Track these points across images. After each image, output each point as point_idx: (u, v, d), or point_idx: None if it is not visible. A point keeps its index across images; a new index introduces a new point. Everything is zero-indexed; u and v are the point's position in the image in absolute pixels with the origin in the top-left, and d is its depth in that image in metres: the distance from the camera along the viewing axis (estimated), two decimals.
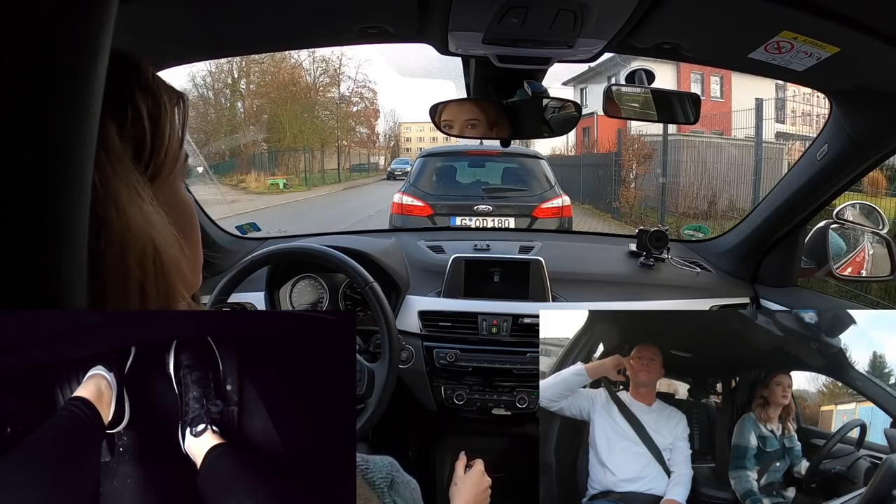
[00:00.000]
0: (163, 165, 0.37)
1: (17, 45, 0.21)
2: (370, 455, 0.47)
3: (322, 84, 25.75)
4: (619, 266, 1.51)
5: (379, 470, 0.46)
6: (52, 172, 0.23)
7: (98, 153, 0.32)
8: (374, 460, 0.47)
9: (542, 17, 0.79)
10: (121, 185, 0.33)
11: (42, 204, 0.23)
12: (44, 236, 0.23)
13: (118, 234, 0.32)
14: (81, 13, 0.23)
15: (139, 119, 0.35)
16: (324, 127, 24.78)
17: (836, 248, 1.29)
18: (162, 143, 0.37)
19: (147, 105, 0.36)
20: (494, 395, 1.31)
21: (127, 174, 0.34)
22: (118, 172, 0.33)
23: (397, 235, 1.67)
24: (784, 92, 10.04)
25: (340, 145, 25.60)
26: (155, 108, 0.37)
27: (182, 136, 0.39)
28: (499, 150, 4.83)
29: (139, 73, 0.37)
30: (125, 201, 0.33)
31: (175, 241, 0.36)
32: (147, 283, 0.34)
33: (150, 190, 0.35)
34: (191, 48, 0.97)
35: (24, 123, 0.22)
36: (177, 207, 0.39)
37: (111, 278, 0.32)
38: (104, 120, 0.33)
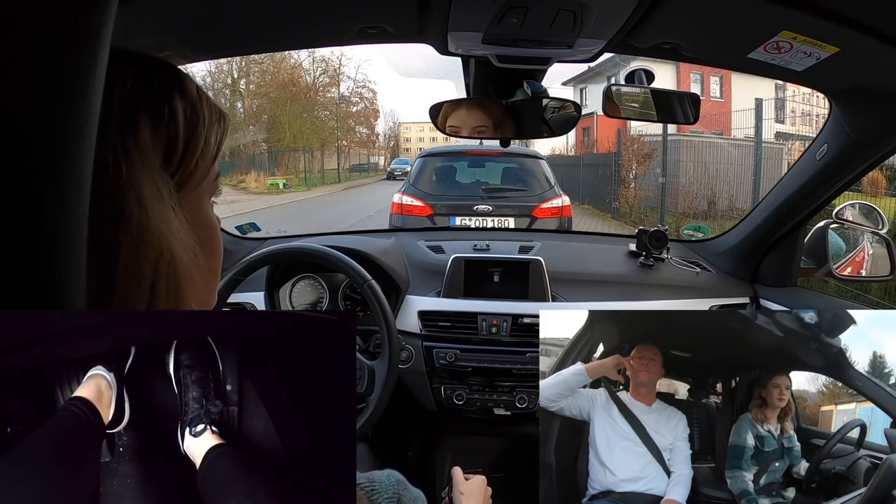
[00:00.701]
0: (191, 175, 0.37)
1: (16, 45, 0.21)
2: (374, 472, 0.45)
3: (322, 84, 25.76)
4: (618, 266, 1.51)
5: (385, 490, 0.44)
6: (51, 172, 0.23)
7: (127, 144, 0.32)
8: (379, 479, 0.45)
9: (542, 18, 0.79)
10: (146, 180, 0.33)
11: (41, 204, 0.23)
12: (43, 236, 0.23)
13: (137, 229, 0.32)
14: (81, 13, 0.23)
15: (174, 122, 0.35)
16: (323, 127, 24.78)
17: (836, 248, 1.29)
18: (194, 152, 0.37)
19: (185, 112, 0.36)
20: (494, 395, 1.31)
21: (153, 172, 0.34)
22: (145, 168, 0.33)
23: (397, 235, 1.67)
24: (784, 92, 10.05)
25: (340, 145, 25.60)
26: (193, 116, 0.37)
27: (216, 153, 0.39)
28: (498, 150, 4.84)
29: (182, 81, 0.37)
30: (148, 198, 0.33)
31: (192, 252, 0.36)
32: (158, 286, 0.34)
33: (175, 196, 0.35)
34: (191, 48, 0.97)
35: (23, 123, 0.22)
36: (199, 223, 0.38)
37: (122, 273, 0.32)
38: (139, 116, 0.34)
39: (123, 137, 0.32)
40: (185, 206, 0.36)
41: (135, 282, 0.33)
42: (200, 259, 0.37)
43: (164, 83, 0.36)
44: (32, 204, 0.22)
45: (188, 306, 0.36)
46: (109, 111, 0.31)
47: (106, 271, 0.31)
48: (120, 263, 0.32)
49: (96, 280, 0.31)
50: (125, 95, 0.33)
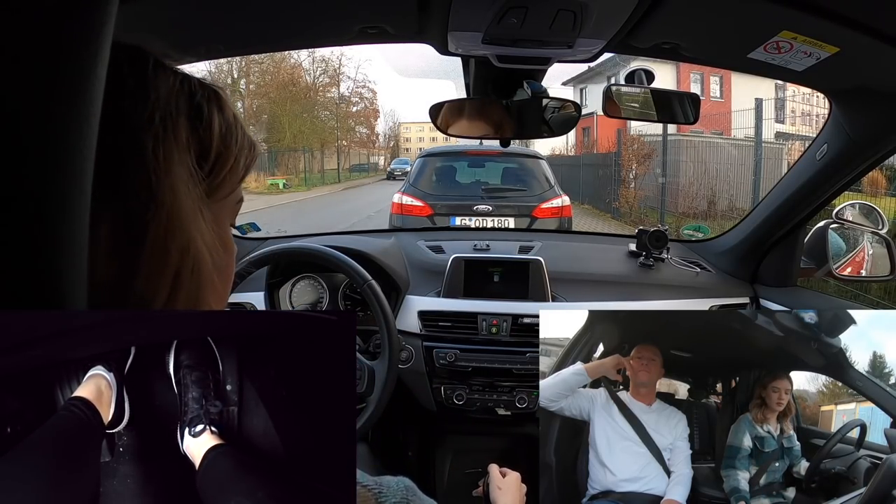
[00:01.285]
0: (218, 187, 0.38)
1: (17, 45, 0.21)
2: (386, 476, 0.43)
3: (322, 84, 25.78)
4: (618, 266, 1.51)
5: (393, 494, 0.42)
6: (51, 173, 0.23)
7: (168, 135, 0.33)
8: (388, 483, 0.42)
9: (542, 18, 0.79)
10: (182, 171, 0.34)
11: (42, 204, 0.23)
12: (43, 237, 0.23)
13: (168, 216, 0.33)
14: (82, 14, 0.23)
15: (210, 131, 0.37)
16: (323, 127, 24.80)
17: (836, 248, 1.29)
18: (224, 165, 0.38)
19: (221, 127, 0.37)
20: (494, 395, 1.31)
21: (188, 168, 0.35)
22: (182, 162, 0.34)
23: (397, 235, 1.67)
24: (784, 92, 10.05)
25: (340, 145, 25.62)
26: (228, 134, 0.38)
27: (243, 175, 0.40)
28: (498, 150, 4.83)
29: (222, 102, 0.39)
30: (182, 189, 0.34)
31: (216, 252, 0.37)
32: (182, 277, 0.34)
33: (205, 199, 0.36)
34: (191, 48, 0.97)
35: (24, 124, 0.22)
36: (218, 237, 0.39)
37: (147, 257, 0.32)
38: (179, 114, 0.35)
39: (165, 128, 0.33)
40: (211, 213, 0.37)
41: (160, 268, 0.33)
42: (222, 260, 0.38)
43: (207, 98, 0.37)
44: (33, 204, 0.22)
45: (206, 304, 0.36)
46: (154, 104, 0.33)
47: (132, 254, 0.32)
48: (147, 247, 0.32)
49: (120, 261, 0.32)
50: (170, 95, 0.35)
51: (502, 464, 0.87)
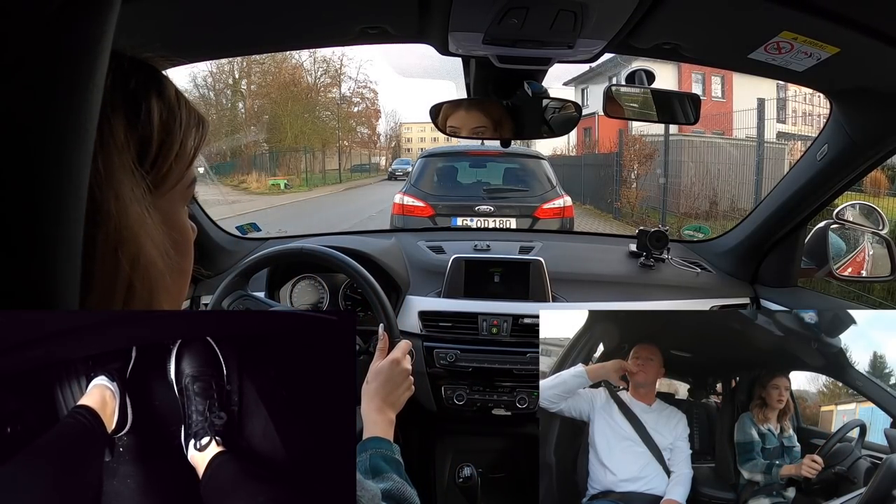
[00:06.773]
0: (164, 178, 0.37)
1: (18, 49, 0.21)
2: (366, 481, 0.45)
3: (323, 84, 25.78)
4: (619, 266, 1.51)
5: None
6: (48, 175, 0.23)
7: (105, 141, 0.32)
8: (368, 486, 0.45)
9: (542, 18, 0.79)
10: (123, 177, 0.33)
11: (38, 206, 0.23)
12: (39, 238, 0.23)
13: (116, 227, 0.32)
14: (83, 21, 0.23)
15: (149, 122, 0.35)
16: (325, 127, 24.80)
17: (836, 249, 1.29)
18: (168, 155, 0.37)
19: (161, 112, 0.36)
20: (494, 395, 1.31)
21: (129, 171, 0.34)
22: (122, 166, 0.33)
23: (397, 236, 1.67)
24: (785, 92, 10.02)
25: (341, 146, 25.62)
26: (170, 118, 0.37)
27: (192, 157, 0.39)
28: (500, 151, 4.83)
29: (160, 83, 0.37)
30: (126, 195, 0.33)
31: (165, 253, 0.36)
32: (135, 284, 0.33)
33: (149, 197, 0.35)
34: (192, 48, 0.97)
35: (23, 128, 0.22)
36: (172, 226, 0.38)
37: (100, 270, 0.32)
38: (116, 112, 0.33)
39: (102, 134, 0.32)
40: (159, 208, 0.36)
41: (112, 279, 0.32)
42: (173, 261, 0.37)
43: (142, 83, 0.36)
44: (30, 208, 0.23)
45: (160, 306, 0.36)
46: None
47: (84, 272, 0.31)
48: (98, 261, 0.32)
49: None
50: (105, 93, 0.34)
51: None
